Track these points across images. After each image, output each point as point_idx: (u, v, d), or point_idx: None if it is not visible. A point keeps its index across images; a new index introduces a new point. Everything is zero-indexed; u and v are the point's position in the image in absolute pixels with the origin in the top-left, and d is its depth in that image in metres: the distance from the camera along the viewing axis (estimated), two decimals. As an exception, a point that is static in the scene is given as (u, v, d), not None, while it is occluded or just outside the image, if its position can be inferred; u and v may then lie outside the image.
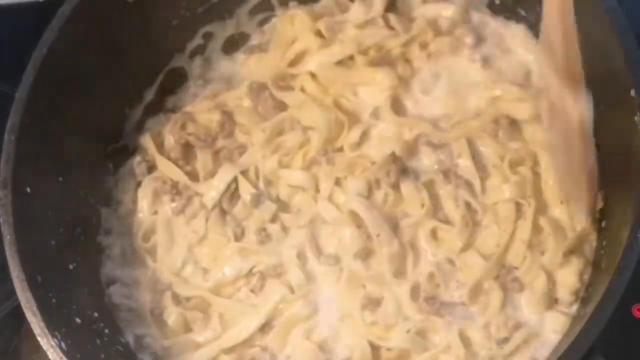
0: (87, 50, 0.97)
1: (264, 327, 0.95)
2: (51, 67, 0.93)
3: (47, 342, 0.83)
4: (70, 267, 0.95)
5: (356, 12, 1.06)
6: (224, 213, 1.01)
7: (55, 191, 0.95)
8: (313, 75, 1.05)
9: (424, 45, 1.04)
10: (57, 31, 0.93)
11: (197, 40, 1.11)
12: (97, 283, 0.99)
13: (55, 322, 0.85)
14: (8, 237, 0.86)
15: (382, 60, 1.04)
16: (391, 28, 1.04)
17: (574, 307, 0.91)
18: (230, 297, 0.98)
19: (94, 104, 1.00)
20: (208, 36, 1.12)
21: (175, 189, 1.03)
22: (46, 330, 0.83)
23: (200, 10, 1.09)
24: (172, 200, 1.02)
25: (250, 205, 1.00)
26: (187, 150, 1.05)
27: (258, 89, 1.06)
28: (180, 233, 1.02)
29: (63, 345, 0.83)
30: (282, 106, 1.05)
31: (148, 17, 1.03)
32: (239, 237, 1.00)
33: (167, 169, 1.04)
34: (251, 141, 1.04)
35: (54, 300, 0.87)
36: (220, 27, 1.12)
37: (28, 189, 0.90)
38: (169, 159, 1.04)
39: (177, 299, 0.98)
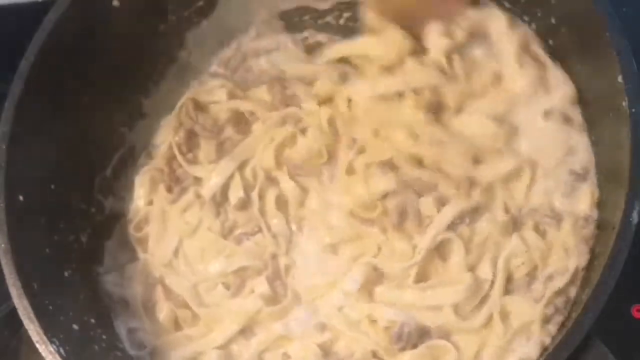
0: (76, 57, 0.97)
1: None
2: (39, 76, 0.92)
3: (45, 349, 0.82)
4: (66, 274, 0.94)
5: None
6: (218, 205, 1.00)
7: (47, 199, 0.95)
8: (349, 100, 0.96)
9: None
10: (45, 38, 0.92)
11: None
12: (92, 289, 0.98)
13: (53, 329, 0.84)
14: (3, 245, 0.86)
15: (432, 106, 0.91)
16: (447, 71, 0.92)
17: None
18: (207, 292, 0.97)
19: (86, 111, 1.00)
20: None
21: (173, 175, 1.01)
22: (44, 337, 0.83)
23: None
24: (169, 189, 1.01)
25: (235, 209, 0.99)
26: (191, 137, 1.03)
27: (275, 79, 1.04)
28: (173, 224, 1.00)
29: (62, 351, 0.83)
30: (290, 102, 1.02)
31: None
32: (227, 234, 0.98)
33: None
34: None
35: (50, 307, 0.87)
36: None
37: (21, 197, 0.90)
38: (172, 142, 1.03)
39: (168, 294, 0.97)
